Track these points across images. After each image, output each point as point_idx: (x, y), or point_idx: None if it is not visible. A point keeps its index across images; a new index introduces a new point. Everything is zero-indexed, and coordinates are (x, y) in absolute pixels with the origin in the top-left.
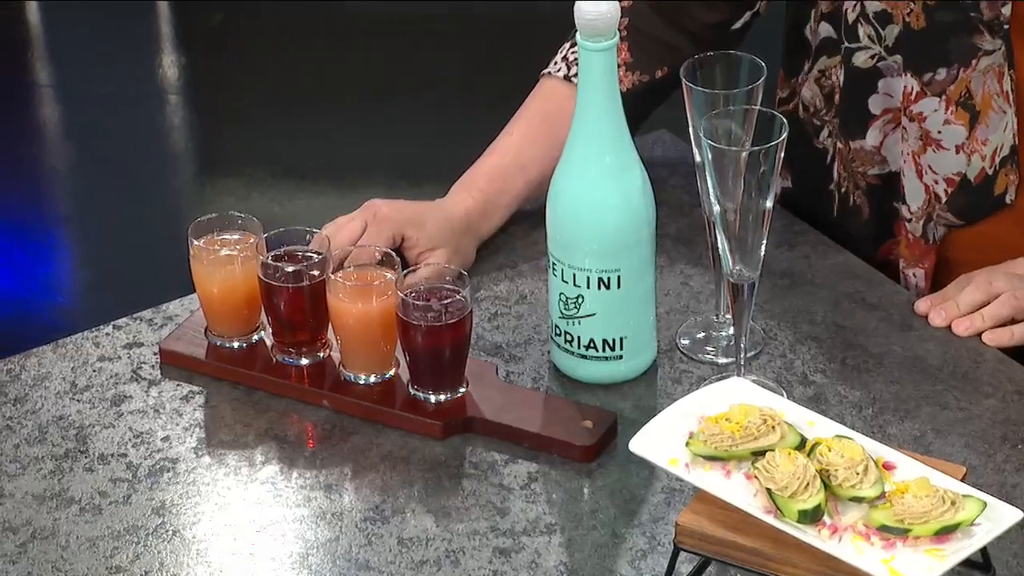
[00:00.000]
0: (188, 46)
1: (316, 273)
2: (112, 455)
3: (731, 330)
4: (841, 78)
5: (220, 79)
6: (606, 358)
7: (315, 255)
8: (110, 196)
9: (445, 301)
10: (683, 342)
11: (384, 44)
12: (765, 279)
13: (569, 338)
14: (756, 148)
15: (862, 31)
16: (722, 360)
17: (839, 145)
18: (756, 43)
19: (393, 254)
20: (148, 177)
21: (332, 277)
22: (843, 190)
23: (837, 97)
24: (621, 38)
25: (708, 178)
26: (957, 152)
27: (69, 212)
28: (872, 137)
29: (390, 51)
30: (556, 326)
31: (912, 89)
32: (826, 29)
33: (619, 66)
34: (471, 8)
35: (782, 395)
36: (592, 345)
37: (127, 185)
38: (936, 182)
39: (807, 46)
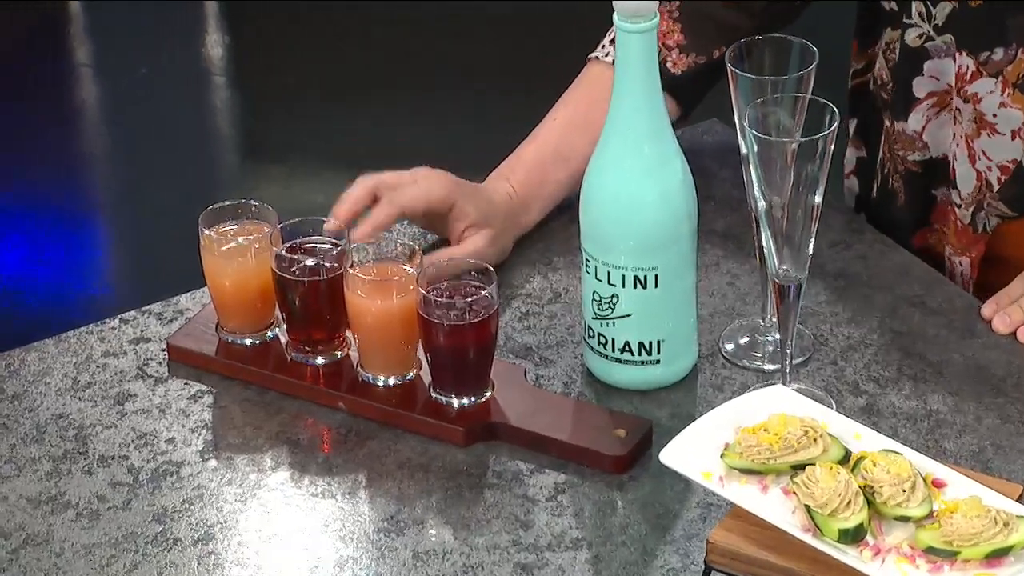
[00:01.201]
0: (233, 25)
1: (333, 266)
2: (113, 457)
3: (778, 334)
4: (896, 52)
5: (266, 61)
6: (642, 362)
7: (332, 247)
8: (148, 181)
9: (470, 298)
10: (726, 346)
11: (437, 31)
12: (818, 280)
13: (603, 340)
14: (804, 139)
15: (914, 7)
16: (768, 367)
17: (886, 123)
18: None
19: (417, 248)
20: (188, 162)
21: (350, 271)
22: (885, 171)
23: (885, 73)
24: (674, 19)
25: (753, 171)
26: (1013, 138)
27: (105, 197)
28: (915, 121)
29: (444, 38)
30: (589, 327)
31: (967, 69)
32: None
33: (672, 48)
34: None
35: (831, 405)
36: (627, 348)
37: (166, 170)
38: (989, 168)
39: (881, 16)
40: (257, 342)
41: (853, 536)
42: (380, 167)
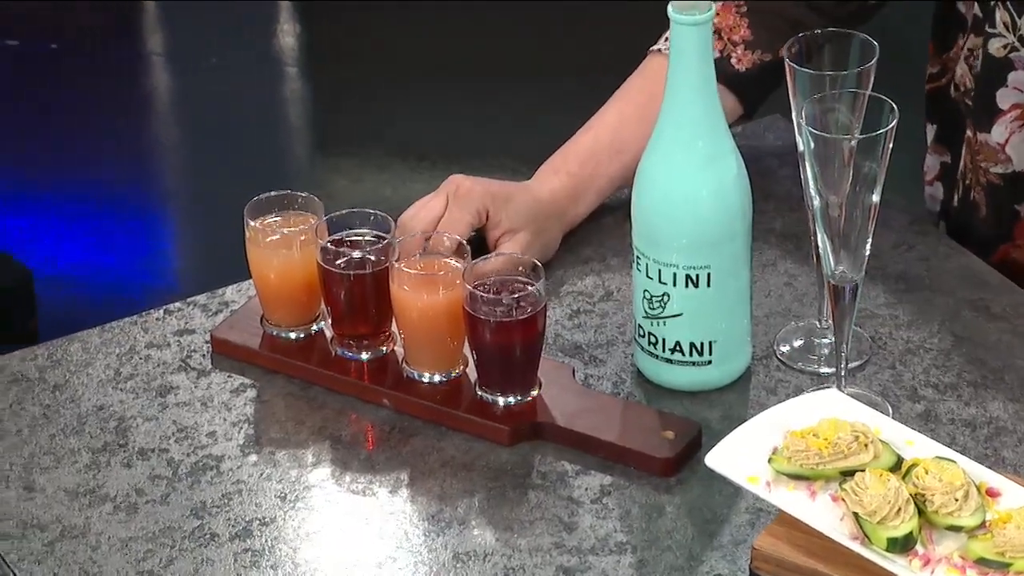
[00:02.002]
0: (306, 16)
1: (379, 260)
2: (152, 450)
3: (834, 337)
4: (978, 61)
5: (339, 52)
6: (693, 363)
7: (378, 240)
8: (216, 172)
9: (517, 295)
10: (782, 348)
11: (514, 24)
12: (878, 282)
13: (653, 340)
14: (862, 136)
15: (999, 15)
16: (824, 370)
17: (968, 133)
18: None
19: (465, 244)
20: (257, 153)
21: (396, 265)
22: (967, 181)
23: (967, 80)
24: (741, 14)
25: (809, 168)
26: None
27: (172, 187)
28: (997, 133)
29: (521, 32)
30: (640, 326)
31: None
32: (976, 6)
33: (738, 44)
34: None
35: (887, 411)
36: (678, 348)
37: (234, 160)
38: None
39: (960, 20)
40: (302, 336)
41: (902, 545)
42: (450, 160)
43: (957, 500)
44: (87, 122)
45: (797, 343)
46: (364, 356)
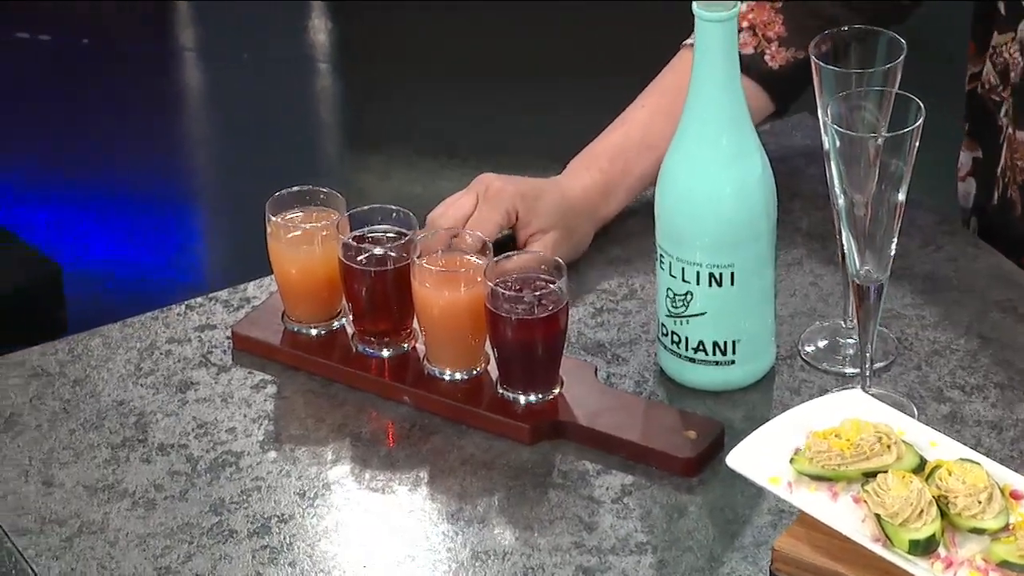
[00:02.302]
0: (338, 13)
1: (401, 256)
2: (172, 446)
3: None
4: (1015, 56)
5: (370, 49)
6: (716, 362)
7: (400, 236)
8: (245, 168)
9: (538, 292)
10: (806, 348)
11: (547, 21)
12: (905, 281)
13: (676, 339)
14: (887, 135)
15: None
16: (849, 370)
17: (1009, 130)
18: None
19: (488, 242)
20: (286, 149)
21: (417, 262)
22: (1005, 179)
23: (1013, 75)
24: (776, 10)
25: (834, 167)
26: None
27: (202, 183)
28: None
29: (553, 30)
30: (663, 325)
31: None
32: (1002, 4)
33: (772, 40)
34: None
35: (912, 412)
36: (701, 347)
37: (264, 157)
38: None
39: (995, 19)
40: (323, 332)
41: (924, 547)
42: (479, 158)
43: (980, 502)
44: (118, 118)
45: (822, 343)
46: (385, 353)
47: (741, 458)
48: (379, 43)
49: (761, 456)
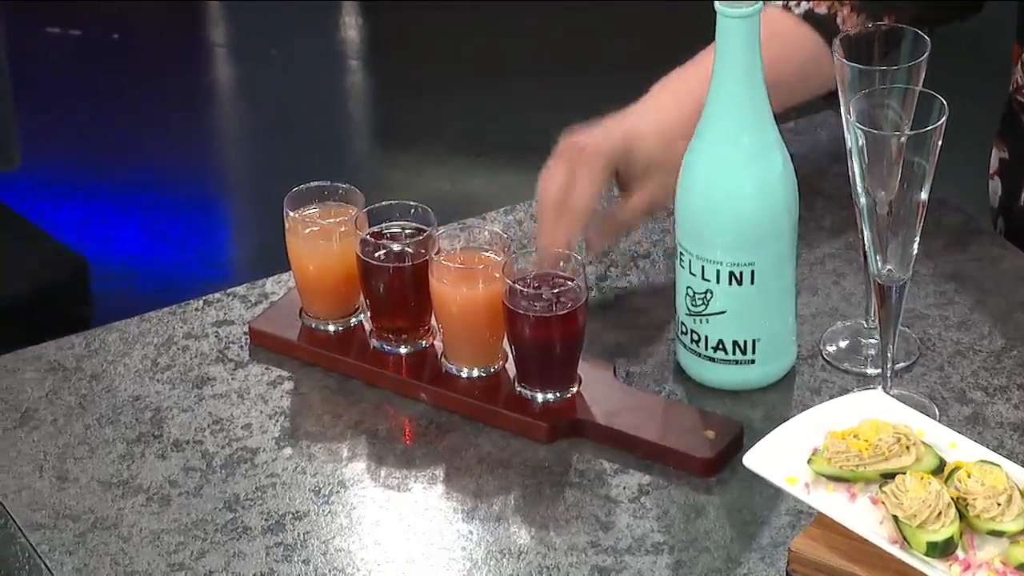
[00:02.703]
0: (369, 9)
1: (418, 253)
2: (187, 441)
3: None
4: None
5: (401, 45)
6: (736, 362)
7: (418, 232)
8: (274, 164)
9: (557, 289)
10: (828, 348)
11: (581, 15)
12: (929, 281)
13: (696, 337)
14: (910, 133)
15: None
16: (870, 371)
17: None
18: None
19: (503, 234)
20: (316, 146)
21: (435, 258)
22: None
23: None
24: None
25: (857, 165)
26: None
27: (230, 179)
28: None
29: (587, 23)
30: (682, 323)
31: None
32: None
33: (844, 4)
34: None
35: (933, 413)
36: (721, 346)
37: (293, 153)
38: None
39: None
40: (340, 329)
41: (942, 550)
42: (510, 156)
43: (1000, 505)
44: (147, 114)
45: (843, 343)
46: (403, 350)
47: (758, 458)
48: (410, 40)
49: (778, 456)
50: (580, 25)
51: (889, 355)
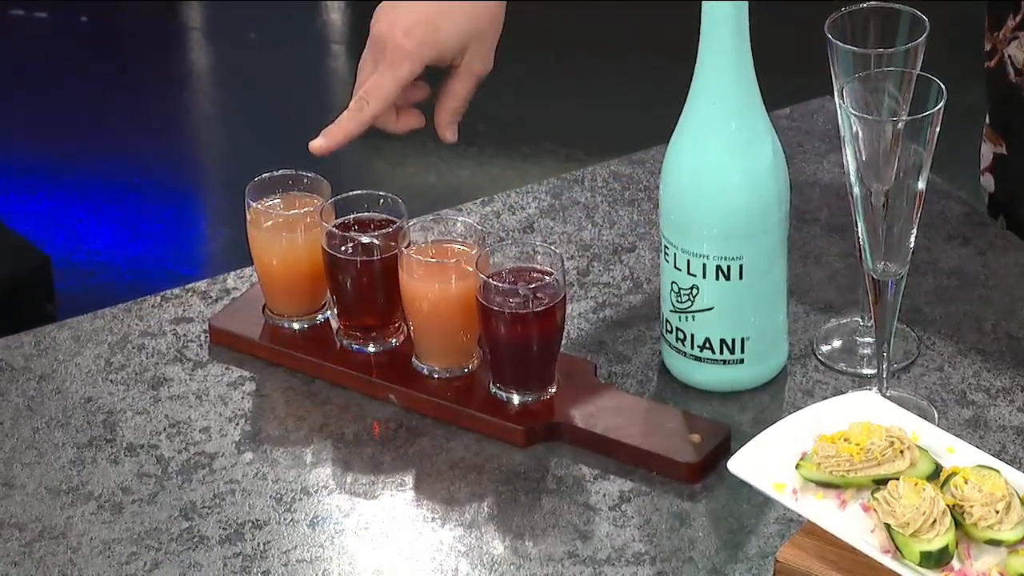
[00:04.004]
0: None
1: (388, 246)
2: (141, 446)
3: None
4: None
5: None
6: (724, 361)
7: (388, 224)
8: (251, 153)
9: (534, 285)
10: (821, 348)
11: (571, 5)
12: (929, 276)
13: (681, 336)
14: (907, 119)
15: None
16: (866, 371)
17: None
18: None
19: (477, 227)
20: (296, 134)
21: (405, 252)
22: None
23: None
24: None
25: (850, 153)
26: None
27: (206, 171)
28: None
29: (577, 12)
30: (667, 321)
31: None
32: None
33: None
34: None
35: (932, 416)
36: (708, 345)
37: (272, 141)
38: None
39: None
40: (306, 326)
41: (937, 560)
42: (498, 146)
43: (998, 512)
44: (116, 101)
45: (838, 342)
46: (371, 349)
47: (743, 463)
48: None
49: (765, 461)
50: (569, 14)
51: (885, 355)
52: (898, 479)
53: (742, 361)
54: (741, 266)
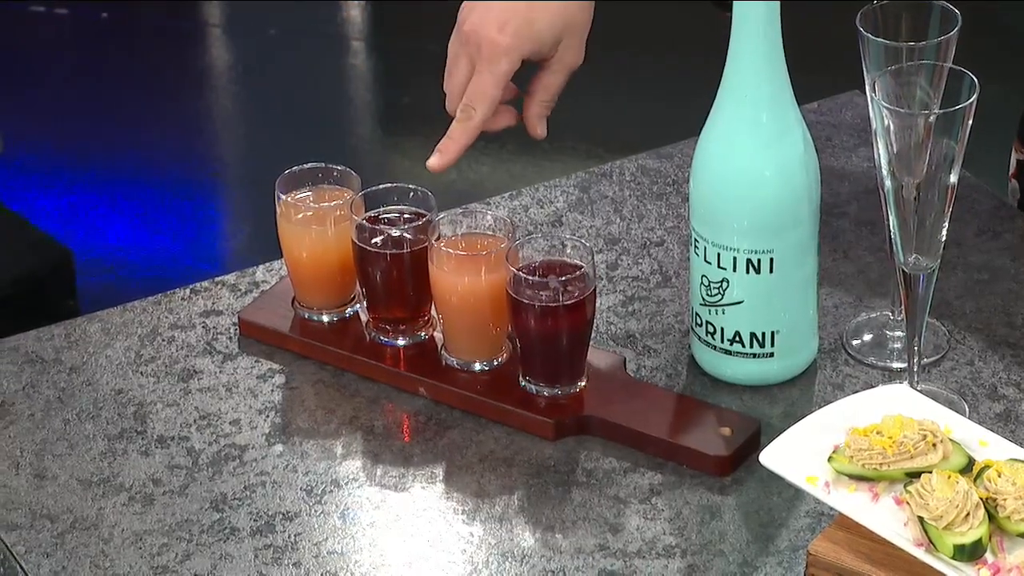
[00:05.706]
0: None
1: (418, 238)
2: (172, 438)
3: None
4: None
5: (407, 25)
6: (754, 355)
7: (417, 217)
8: (272, 149)
9: (564, 278)
10: (851, 341)
11: None
12: (959, 271)
13: (711, 329)
14: (939, 111)
15: None
16: (896, 365)
17: None
18: None
19: (508, 220)
20: (315, 130)
21: (435, 244)
22: None
23: None
24: None
25: (882, 147)
26: None
27: (226, 166)
28: None
29: (598, 6)
30: (697, 314)
31: None
32: None
33: None
34: None
35: (963, 409)
36: (738, 339)
37: (292, 137)
38: None
39: None
40: (335, 319)
41: (970, 553)
42: (519, 142)
43: None
44: (137, 97)
45: (868, 336)
46: (401, 342)
47: (775, 456)
48: (415, 19)
49: (797, 454)
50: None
51: (916, 349)
52: (931, 472)
53: (772, 355)
54: (772, 259)
